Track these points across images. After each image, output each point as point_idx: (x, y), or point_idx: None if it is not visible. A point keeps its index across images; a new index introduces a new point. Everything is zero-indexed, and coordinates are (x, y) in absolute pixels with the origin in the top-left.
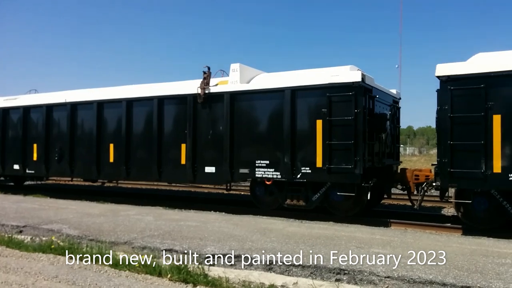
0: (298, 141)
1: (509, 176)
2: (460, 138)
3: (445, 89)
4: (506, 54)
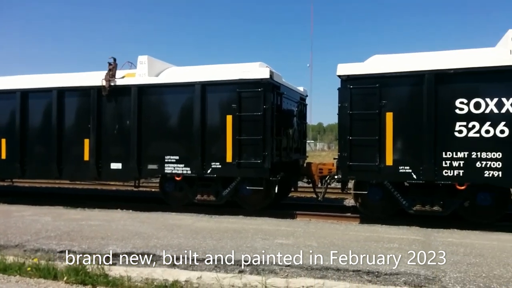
0: (208, 136)
1: (399, 168)
2: (358, 134)
3: (345, 87)
4: (398, 57)
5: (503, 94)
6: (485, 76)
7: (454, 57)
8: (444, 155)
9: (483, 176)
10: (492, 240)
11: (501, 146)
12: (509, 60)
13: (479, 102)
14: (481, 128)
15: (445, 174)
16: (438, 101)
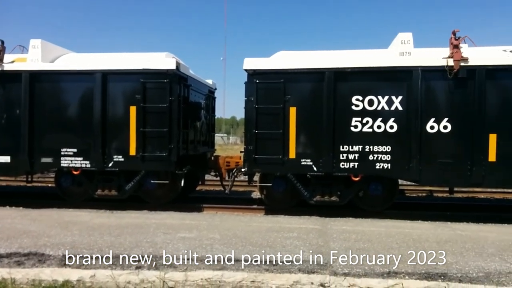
0: (110, 128)
1: (301, 161)
2: (263, 127)
3: (251, 81)
4: (302, 54)
5: (393, 93)
6: (377, 76)
7: (352, 57)
8: (341, 148)
9: (375, 168)
10: (380, 226)
11: (391, 140)
12: (397, 61)
13: (372, 99)
14: (374, 123)
15: (342, 167)
16: (337, 98)
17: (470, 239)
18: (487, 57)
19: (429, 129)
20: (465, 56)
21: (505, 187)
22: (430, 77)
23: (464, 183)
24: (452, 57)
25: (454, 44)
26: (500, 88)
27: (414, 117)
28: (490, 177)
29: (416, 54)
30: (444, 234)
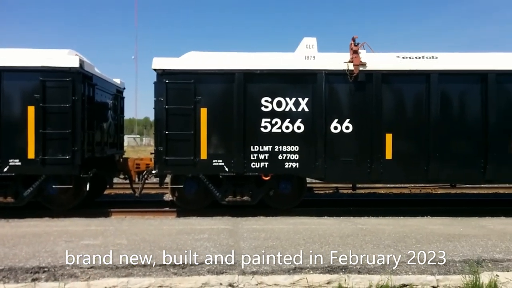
0: (5, 130)
1: (213, 162)
2: (174, 128)
3: (161, 82)
4: (213, 55)
5: (300, 95)
6: (285, 78)
7: (261, 59)
8: (252, 149)
9: (284, 167)
10: (289, 224)
11: (298, 140)
12: (303, 65)
13: (280, 101)
14: (282, 124)
15: (253, 167)
16: (247, 99)
17: (369, 232)
18: (382, 63)
19: (333, 130)
20: (364, 61)
21: (400, 182)
22: (333, 80)
23: (365, 180)
24: (352, 61)
25: (354, 50)
26: (394, 91)
27: (319, 118)
28: (387, 174)
29: (320, 58)
30: (347, 229)
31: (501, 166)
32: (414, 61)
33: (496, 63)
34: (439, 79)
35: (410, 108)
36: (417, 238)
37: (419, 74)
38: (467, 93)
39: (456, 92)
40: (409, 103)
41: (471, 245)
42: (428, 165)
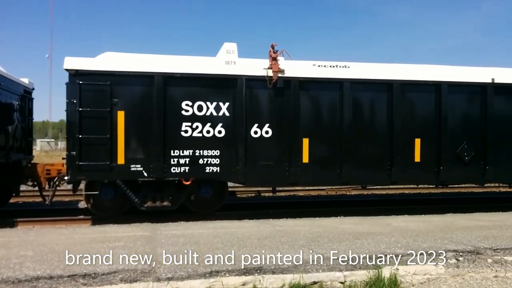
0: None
1: (131, 167)
2: (88, 132)
3: (74, 82)
4: (131, 56)
5: (221, 99)
6: (206, 82)
7: (181, 62)
8: (172, 153)
9: (205, 171)
10: (209, 228)
11: (219, 144)
12: (224, 69)
13: (201, 105)
14: (203, 128)
15: (173, 171)
16: (167, 102)
17: (286, 234)
18: (300, 70)
19: (253, 134)
20: (282, 68)
21: (317, 184)
22: (253, 85)
23: (284, 183)
24: (271, 68)
25: (273, 57)
26: (311, 97)
27: (239, 123)
28: (304, 177)
29: (240, 63)
30: (265, 231)
31: (404, 169)
32: (329, 69)
33: (400, 74)
34: (351, 87)
35: (325, 114)
36: (329, 237)
37: (333, 82)
38: (376, 100)
39: (366, 99)
40: (324, 109)
41: (376, 242)
42: (341, 168)
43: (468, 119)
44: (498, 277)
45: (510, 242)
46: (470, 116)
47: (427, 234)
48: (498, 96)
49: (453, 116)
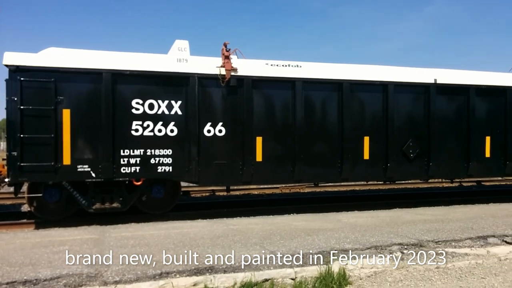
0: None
1: (78, 167)
2: (30, 131)
3: (14, 79)
4: (76, 52)
5: (172, 97)
6: (157, 80)
7: (131, 59)
8: (122, 153)
9: (157, 171)
10: (161, 229)
11: (171, 144)
12: (175, 67)
13: (152, 103)
14: (155, 127)
15: (123, 171)
16: (116, 100)
17: (239, 232)
18: (253, 69)
19: (206, 133)
20: (235, 67)
21: (270, 183)
22: (206, 84)
23: (237, 182)
24: (224, 66)
25: (226, 55)
26: (264, 96)
27: (192, 122)
28: (257, 175)
29: (193, 61)
30: (218, 230)
31: (354, 166)
32: (281, 68)
33: (350, 74)
34: (303, 87)
35: (278, 113)
36: (282, 235)
37: (285, 81)
38: (327, 100)
39: (317, 98)
40: (277, 108)
41: (327, 238)
42: (294, 166)
43: (413, 117)
44: (439, 268)
45: (450, 235)
46: (414, 115)
47: (375, 229)
48: (440, 96)
49: (399, 115)
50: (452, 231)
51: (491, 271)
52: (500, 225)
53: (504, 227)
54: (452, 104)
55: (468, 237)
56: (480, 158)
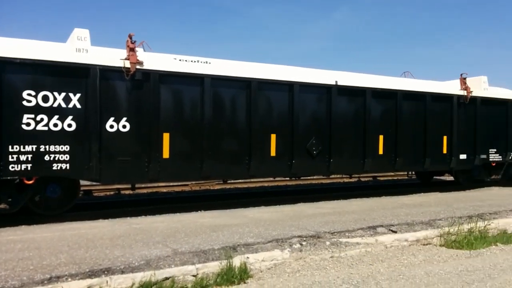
0: None
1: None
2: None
3: None
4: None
5: (71, 90)
6: (53, 70)
7: (22, 46)
8: (10, 149)
9: (52, 169)
10: (56, 231)
11: (69, 139)
12: (74, 57)
13: (47, 96)
14: (50, 121)
15: (12, 169)
16: (4, 91)
17: (142, 231)
18: (160, 63)
19: (109, 128)
20: (141, 60)
21: (178, 180)
22: (109, 76)
23: (143, 179)
24: (128, 59)
25: (131, 47)
26: (172, 92)
27: (93, 116)
28: (165, 172)
29: (94, 52)
30: (120, 230)
31: (261, 163)
32: (190, 64)
33: (258, 73)
34: (212, 83)
35: (186, 109)
36: (187, 232)
37: (194, 77)
38: (236, 97)
39: (226, 95)
40: (185, 104)
41: (231, 233)
42: (202, 163)
43: (316, 117)
44: (333, 257)
45: (345, 226)
46: (318, 114)
47: (278, 223)
48: (340, 97)
49: (304, 114)
50: (347, 222)
51: (378, 258)
52: (389, 216)
53: (391, 218)
54: (351, 105)
55: (360, 227)
56: (374, 155)
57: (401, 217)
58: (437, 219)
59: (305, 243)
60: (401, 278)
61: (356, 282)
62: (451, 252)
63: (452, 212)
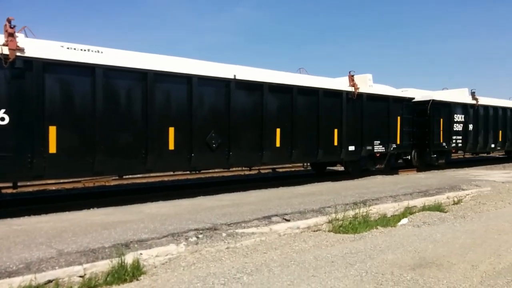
0: None
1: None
2: None
3: None
4: None
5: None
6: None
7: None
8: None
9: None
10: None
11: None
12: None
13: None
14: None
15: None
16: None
17: (25, 232)
18: (45, 51)
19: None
20: (22, 47)
21: (67, 177)
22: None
23: (26, 176)
24: (7, 45)
25: (9, 32)
26: (59, 82)
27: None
28: (51, 169)
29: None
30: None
31: (159, 157)
32: (80, 53)
33: (155, 64)
34: (104, 74)
35: (76, 100)
36: (75, 231)
37: (84, 67)
38: (131, 89)
39: (121, 87)
40: (75, 95)
41: (124, 230)
42: (94, 158)
43: (216, 110)
44: (229, 248)
45: (242, 217)
46: (217, 107)
47: (175, 217)
48: (238, 91)
49: (203, 107)
50: (244, 213)
51: (272, 246)
52: (284, 205)
53: (286, 207)
54: (249, 99)
55: (256, 217)
56: (272, 147)
57: (295, 206)
58: (327, 206)
59: (202, 236)
60: (292, 264)
61: (250, 271)
62: (338, 236)
63: (341, 199)
